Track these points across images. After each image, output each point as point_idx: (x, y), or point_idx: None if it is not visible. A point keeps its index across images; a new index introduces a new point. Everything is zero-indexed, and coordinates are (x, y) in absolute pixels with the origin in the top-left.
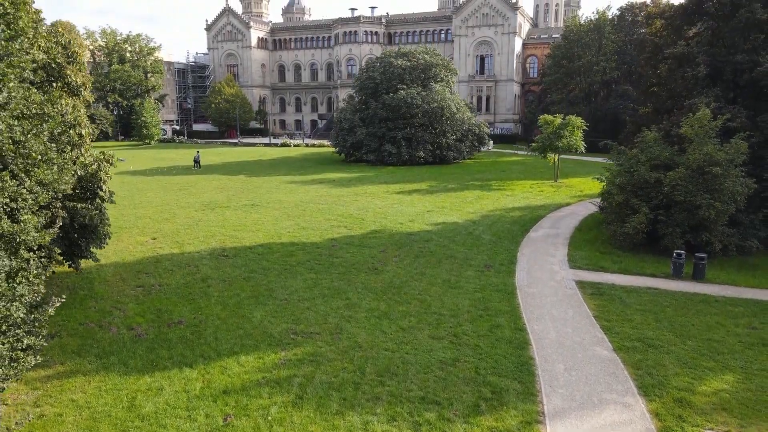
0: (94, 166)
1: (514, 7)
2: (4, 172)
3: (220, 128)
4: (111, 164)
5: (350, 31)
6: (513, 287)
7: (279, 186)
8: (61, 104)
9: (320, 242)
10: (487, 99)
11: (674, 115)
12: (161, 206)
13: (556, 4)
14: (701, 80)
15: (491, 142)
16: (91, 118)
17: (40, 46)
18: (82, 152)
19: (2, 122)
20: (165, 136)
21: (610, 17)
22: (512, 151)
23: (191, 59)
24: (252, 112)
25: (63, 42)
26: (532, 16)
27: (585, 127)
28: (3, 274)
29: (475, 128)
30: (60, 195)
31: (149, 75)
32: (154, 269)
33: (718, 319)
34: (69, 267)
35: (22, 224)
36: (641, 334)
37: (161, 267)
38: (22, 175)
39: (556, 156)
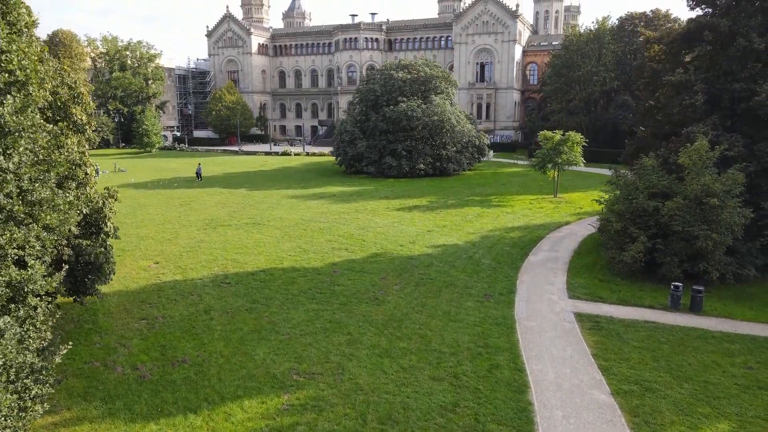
0: (99, 203)
1: (514, 15)
2: (11, 222)
3: (220, 135)
4: (115, 200)
5: (351, 38)
6: (512, 320)
7: (280, 201)
8: (67, 144)
9: (321, 267)
10: (487, 106)
11: (672, 141)
12: (163, 224)
13: (556, 11)
14: (699, 108)
15: (491, 152)
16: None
17: (46, 87)
18: (87, 190)
19: (10, 173)
20: (166, 143)
21: (609, 27)
22: (512, 161)
23: (192, 65)
24: (252, 119)
25: (69, 82)
26: (532, 23)
27: (585, 143)
28: (13, 338)
29: (475, 140)
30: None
31: (150, 82)
32: (157, 299)
33: (714, 358)
34: (74, 301)
35: (30, 271)
36: (639, 375)
37: (164, 296)
38: (29, 220)
39: (556, 171)
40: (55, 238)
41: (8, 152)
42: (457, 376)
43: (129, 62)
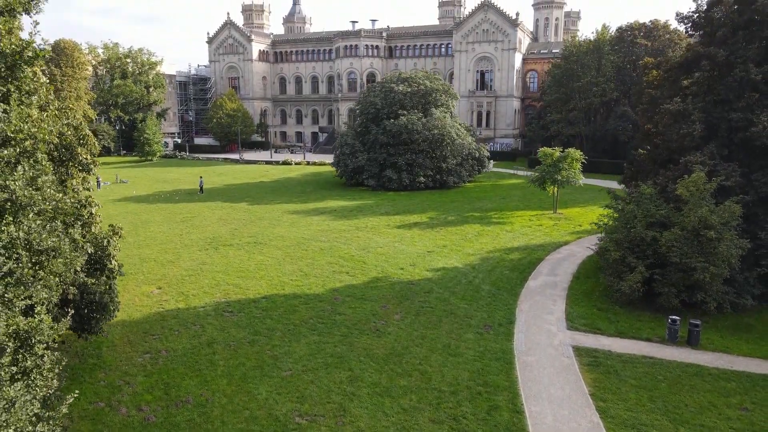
0: (104, 242)
1: (514, 24)
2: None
3: (221, 142)
4: (120, 237)
5: (351, 45)
6: (511, 355)
7: (281, 217)
8: (73, 184)
9: (323, 293)
10: (488, 114)
11: (670, 169)
12: (165, 243)
13: (556, 18)
14: (696, 137)
15: (491, 163)
16: (94, 133)
17: (52, 131)
18: (93, 229)
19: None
20: (167, 150)
21: (609, 37)
22: (512, 171)
23: (193, 72)
24: (253, 126)
25: (75, 123)
26: (532, 30)
27: (584, 161)
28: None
29: (475, 152)
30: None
31: (151, 89)
32: (160, 329)
33: (711, 398)
34: (78, 337)
35: (37, 319)
36: (636, 418)
37: (167, 326)
38: (36, 268)
39: (555, 187)
40: (60, 281)
41: (18, 221)
42: (456, 419)
43: (130, 69)
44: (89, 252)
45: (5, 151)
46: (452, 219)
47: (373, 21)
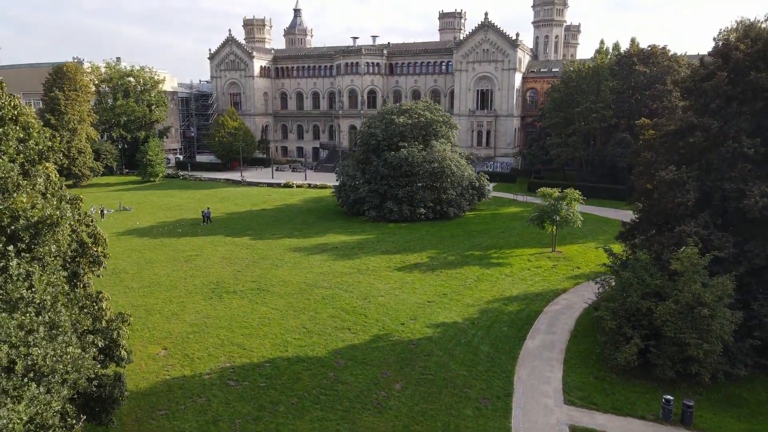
0: (114, 334)
1: (514, 44)
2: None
3: (223, 160)
4: (129, 324)
5: (352, 63)
6: None
7: (283, 256)
8: (84, 280)
9: (325, 357)
10: (488, 134)
11: (665, 236)
12: (170, 290)
13: (556, 36)
14: (691, 206)
15: (491, 186)
16: (96, 153)
17: (70, 235)
18: (103, 323)
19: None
20: (169, 165)
21: (608, 60)
22: (511, 196)
23: (194, 89)
24: (255, 144)
25: (86, 221)
26: (532, 47)
27: (582, 201)
28: None
29: (475, 181)
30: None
31: (153, 108)
32: (167, 403)
33: None
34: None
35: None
36: None
37: (173, 399)
38: (49, 378)
39: (554, 227)
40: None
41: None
42: None
43: (132, 82)
44: (99, 345)
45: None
46: (452, 259)
47: (374, 37)
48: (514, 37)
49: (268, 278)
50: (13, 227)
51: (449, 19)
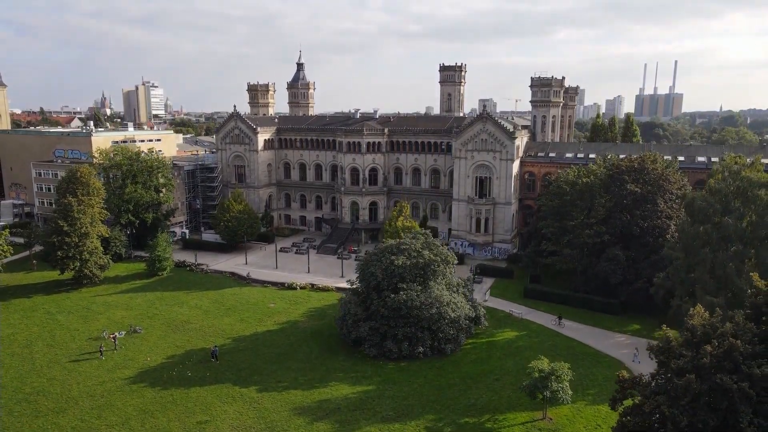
0: None
1: (512, 137)
2: None
3: (229, 242)
4: None
5: (354, 142)
6: None
7: (289, 421)
8: None
9: None
10: (486, 221)
11: None
12: None
13: (553, 116)
14: None
15: (488, 293)
16: (106, 241)
17: None
18: None
19: None
20: (175, 239)
21: (601, 175)
22: (507, 309)
23: (199, 162)
24: (259, 224)
25: None
26: (529, 124)
27: (570, 370)
28: None
29: (471, 312)
30: None
31: (161, 191)
32: None
33: None
34: None
35: None
36: None
37: None
38: None
39: (544, 396)
40: None
41: None
42: None
43: (139, 172)
44: None
45: None
46: (449, 431)
47: (375, 110)
48: (511, 129)
49: None
50: None
51: (450, 72)
